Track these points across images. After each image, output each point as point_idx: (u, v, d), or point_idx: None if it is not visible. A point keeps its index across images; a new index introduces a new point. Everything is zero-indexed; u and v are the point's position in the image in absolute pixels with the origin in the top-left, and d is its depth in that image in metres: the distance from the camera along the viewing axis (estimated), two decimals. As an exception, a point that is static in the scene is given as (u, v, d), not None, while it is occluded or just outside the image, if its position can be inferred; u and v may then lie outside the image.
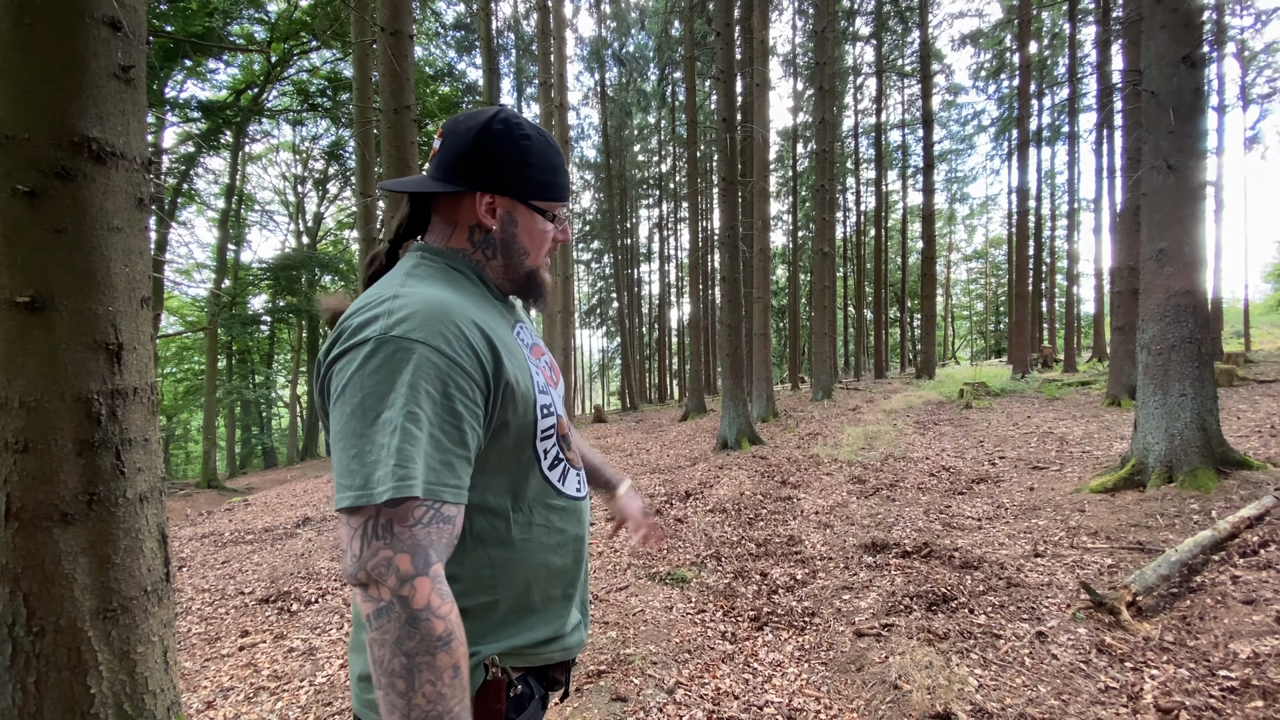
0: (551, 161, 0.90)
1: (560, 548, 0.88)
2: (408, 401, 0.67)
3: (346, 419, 0.68)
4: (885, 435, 8.67)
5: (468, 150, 0.85)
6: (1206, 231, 4.73)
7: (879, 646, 2.78)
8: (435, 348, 0.70)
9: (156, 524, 1.61)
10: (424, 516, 0.67)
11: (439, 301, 0.75)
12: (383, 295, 0.75)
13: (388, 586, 0.64)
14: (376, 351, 0.69)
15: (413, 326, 0.70)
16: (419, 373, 0.68)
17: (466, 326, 0.75)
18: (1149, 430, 4.62)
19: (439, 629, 0.65)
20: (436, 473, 0.68)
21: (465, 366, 0.72)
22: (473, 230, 0.89)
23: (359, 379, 0.68)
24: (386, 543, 0.65)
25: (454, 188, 0.86)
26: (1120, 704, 2.20)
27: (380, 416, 0.67)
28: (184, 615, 4.10)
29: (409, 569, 0.65)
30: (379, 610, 0.65)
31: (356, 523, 0.66)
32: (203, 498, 12.74)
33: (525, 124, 0.88)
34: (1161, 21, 4.60)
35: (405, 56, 4.62)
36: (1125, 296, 9.63)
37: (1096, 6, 16.13)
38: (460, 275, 0.87)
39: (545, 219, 0.91)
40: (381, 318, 0.71)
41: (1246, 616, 2.59)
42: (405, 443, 0.66)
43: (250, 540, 6.32)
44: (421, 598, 0.65)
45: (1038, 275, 22.76)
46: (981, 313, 45.38)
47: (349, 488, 0.66)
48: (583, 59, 25.24)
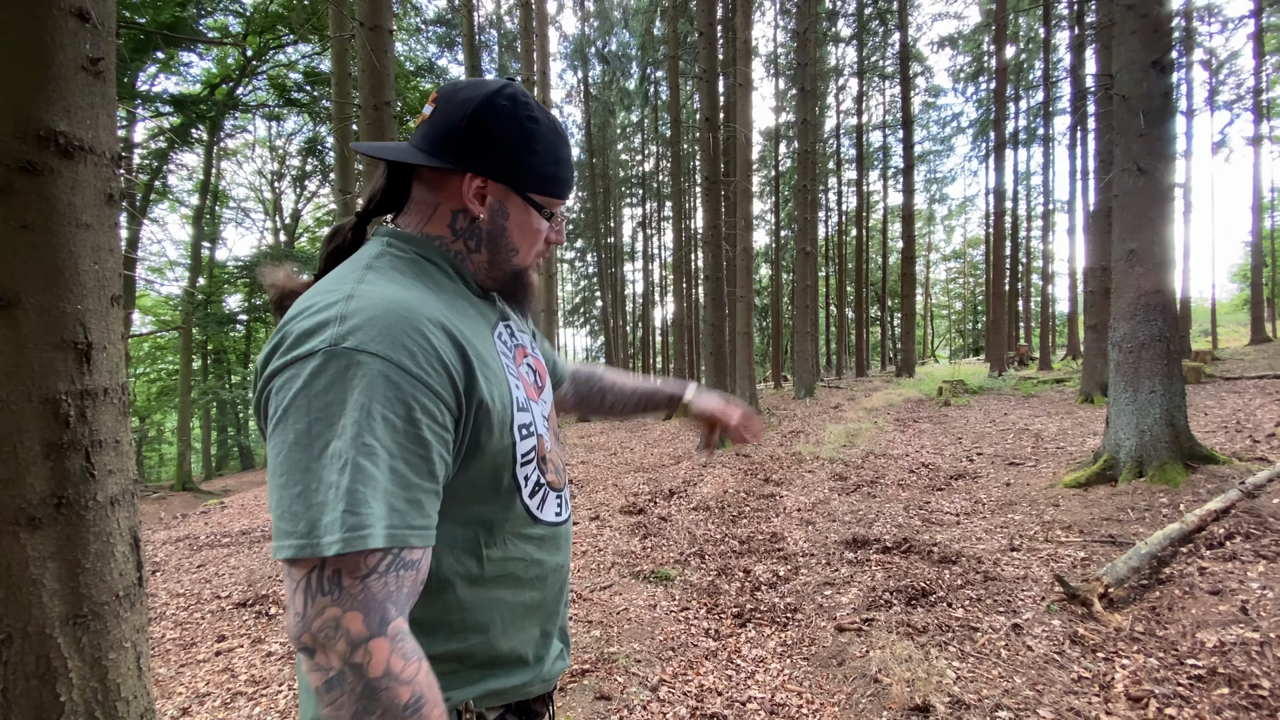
0: (558, 152, 0.79)
1: (539, 581, 0.78)
2: (361, 430, 0.56)
3: (289, 449, 0.56)
4: (866, 432, 8.77)
5: (463, 124, 0.72)
6: (1175, 232, 4.85)
7: (860, 641, 2.81)
8: (396, 362, 0.59)
9: (129, 527, 1.58)
10: (379, 564, 0.56)
11: (401, 303, 0.63)
12: (335, 294, 0.63)
13: (336, 652, 0.54)
14: (324, 367, 0.57)
15: (369, 336, 0.59)
16: (375, 394, 0.57)
17: (434, 334, 0.63)
18: (1120, 426, 4.72)
19: (404, 696, 0.55)
20: (401, 514, 0.57)
21: (432, 384, 0.61)
22: (455, 216, 0.77)
23: (304, 400, 0.57)
24: (334, 599, 0.54)
25: (441, 164, 0.73)
26: (1092, 693, 2.25)
27: (328, 448, 0.55)
28: (158, 620, 4.02)
29: (361, 630, 0.54)
30: (329, 681, 0.54)
31: (299, 574, 0.55)
32: (178, 500, 12.50)
33: (534, 104, 0.76)
34: (1132, 27, 4.70)
35: (385, 52, 4.57)
36: (1098, 296, 9.84)
37: (1071, 12, 16.47)
38: (433, 268, 0.75)
39: (541, 216, 0.80)
40: (331, 324, 0.59)
41: (1213, 606, 2.67)
42: (357, 482, 0.55)
43: (227, 543, 6.21)
44: (378, 663, 0.54)
45: (1014, 275, 23.18)
46: (960, 312, 46.11)
47: (290, 534, 0.54)
48: (566, 57, 25.18)
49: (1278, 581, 2.74)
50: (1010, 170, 24.09)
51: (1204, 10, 19.21)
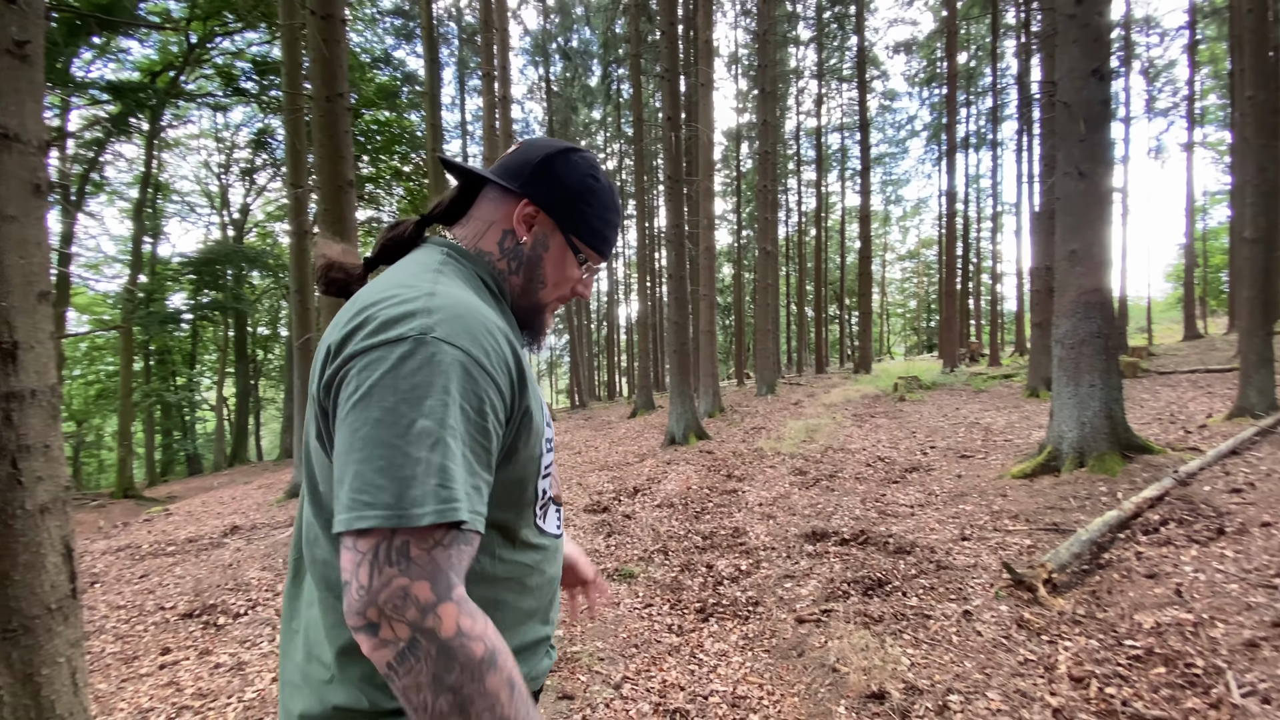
0: (609, 216, 0.87)
1: (538, 589, 0.82)
2: (448, 414, 0.60)
3: (372, 425, 0.59)
4: (825, 428, 8.95)
5: (535, 162, 0.83)
6: (1114, 234, 5.09)
7: (819, 632, 2.87)
8: (475, 358, 0.64)
9: (60, 537, 1.50)
10: (445, 539, 0.59)
11: (479, 310, 0.69)
12: (416, 289, 0.68)
13: (406, 621, 0.56)
14: (414, 352, 0.61)
15: (455, 331, 0.64)
16: (461, 385, 0.62)
17: (503, 341, 0.69)
18: (1063, 419, 4.94)
19: (478, 651, 0.58)
20: (469, 499, 0.61)
21: (500, 384, 0.67)
22: (505, 235, 0.84)
23: (391, 381, 0.60)
24: (400, 569, 0.56)
25: (507, 184, 0.82)
26: (1038, 675, 2.35)
27: (414, 426, 0.58)
28: (97, 634, 3.83)
29: (430, 597, 0.57)
30: (400, 654, 0.56)
31: (366, 546, 0.57)
32: (118, 508, 11.91)
33: (602, 172, 0.87)
34: (1074, 36, 4.92)
35: (337, 42, 4.44)
36: (1042, 295, 10.27)
37: (1018, 21, 17.10)
38: (483, 285, 0.81)
39: (576, 260, 0.87)
40: (420, 315, 0.63)
41: (1149, 589, 2.82)
42: (448, 460, 0.59)
43: (172, 552, 5.96)
44: (449, 625, 0.57)
45: (965, 274, 23.99)
46: (914, 310, 47.48)
47: (373, 505, 0.56)
48: (527, 52, 24.95)
49: (1209, 565, 2.91)
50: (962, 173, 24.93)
51: (1142, 22, 20.25)
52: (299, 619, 0.78)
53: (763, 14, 14.22)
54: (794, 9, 24.16)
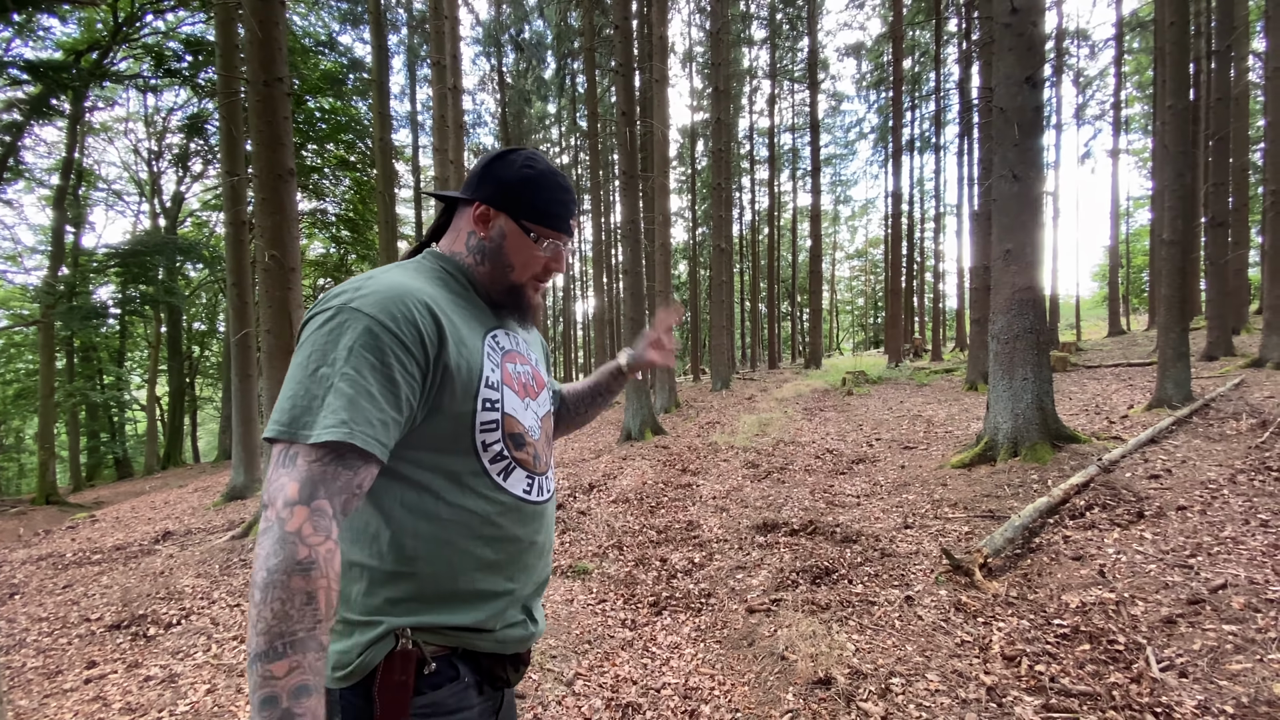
0: (555, 195, 0.99)
1: (494, 541, 0.91)
2: (345, 362, 0.76)
3: (296, 367, 0.77)
4: (777, 422, 9.13)
5: (480, 169, 0.99)
6: (1045, 235, 5.35)
7: (769, 621, 2.93)
8: (380, 321, 0.78)
9: (-36, 545, 1.39)
10: (324, 456, 0.73)
11: (400, 284, 0.84)
12: (366, 277, 0.85)
13: (275, 508, 0.70)
14: (333, 317, 0.78)
15: (369, 302, 0.79)
16: (359, 341, 0.77)
17: (417, 308, 0.83)
18: (998, 411, 5.17)
19: (301, 554, 0.68)
20: (367, 420, 0.75)
21: (405, 342, 0.80)
22: (470, 235, 1.00)
23: (315, 336, 0.78)
24: (287, 472, 0.72)
25: (460, 195, 1.00)
26: (973, 655, 2.46)
27: (319, 370, 0.76)
28: (17, 648, 3.59)
29: (294, 496, 0.70)
30: (265, 528, 0.70)
31: (276, 451, 0.74)
32: (40, 515, 11.16)
33: (540, 161, 1.00)
34: (1009, 44, 5.13)
35: (275, 24, 4.25)
36: (980, 292, 10.70)
37: (960, 29, 17.75)
38: (451, 279, 0.97)
39: (533, 241, 0.99)
40: (348, 292, 0.81)
41: (1076, 571, 2.98)
42: (335, 397, 0.74)
43: (98, 560, 5.62)
44: (295, 522, 0.69)
45: (910, 273, 24.80)
46: (862, 307, 48.84)
47: (277, 421, 0.74)
48: (479, 42, 24.38)
49: (1130, 547, 3.10)
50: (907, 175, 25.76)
51: (1074, 34, 21.29)
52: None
53: (717, 12, 14.32)
54: (748, 8, 24.44)
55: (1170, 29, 7.14)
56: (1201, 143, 13.89)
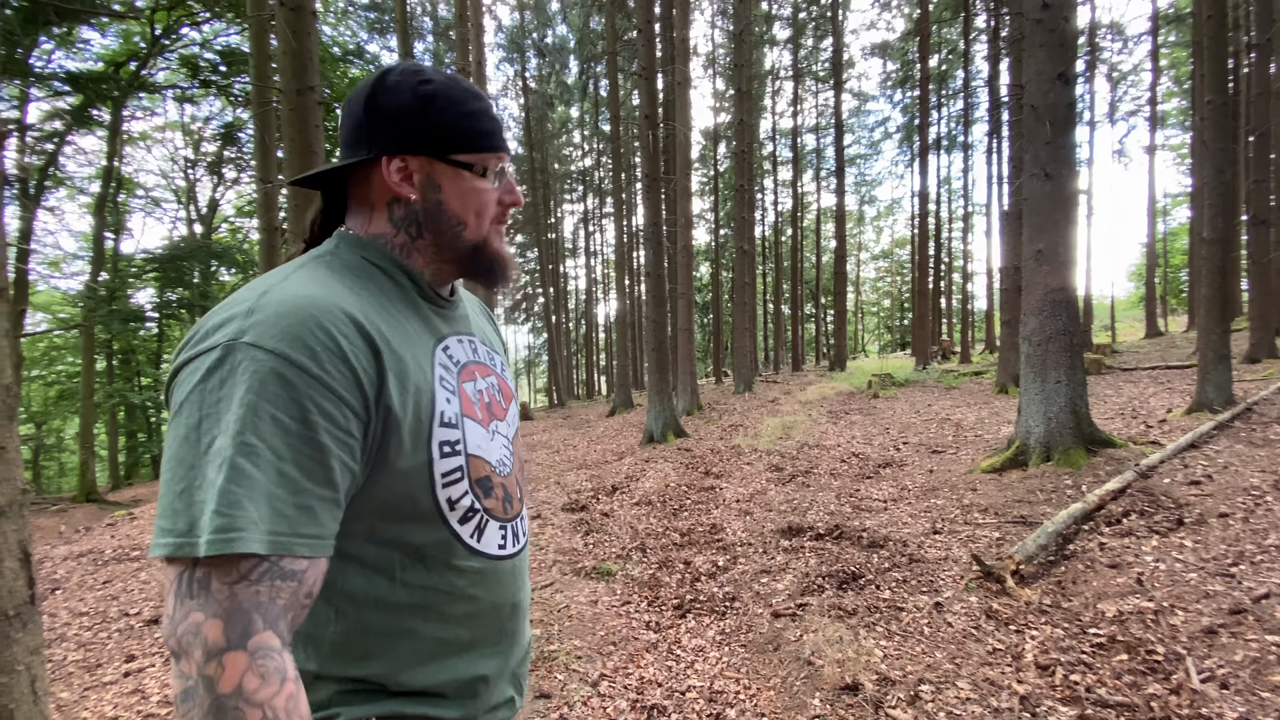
0: (469, 105, 0.72)
1: (469, 619, 0.72)
2: (244, 428, 0.53)
3: (178, 444, 0.54)
4: (801, 425, 9.05)
5: (362, 113, 0.70)
6: (1079, 234, 5.23)
7: (794, 626, 2.91)
8: (294, 361, 0.56)
9: (17, 541, 1.45)
10: (252, 572, 0.53)
11: (313, 300, 0.61)
12: (254, 290, 0.61)
13: (194, 661, 0.50)
14: (222, 361, 0.55)
15: (271, 332, 0.56)
16: (266, 392, 0.54)
17: (343, 331, 0.60)
18: (1030, 414, 5.06)
19: (253, 718, 0.50)
20: (287, 520, 0.54)
21: (334, 386, 0.58)
22: (391, 208, 0.74)
23: (198, 395, 0.55)
24: (200, 604, 0.51)
25: (354, 160, 0.71)
26: (1005, 664, 2.41)
27: (213, 445, 0.53)
28: (59, 642, 3.72)
29: (218, 641, 0.51)
30: (185, 691, 0.50)
31: (173, 574, 0.53)
32: (80, 513, 11.54)
33: (428, 70, 0.72)
34: (1040, 41, 5.03)
35: (308, 34, 4.35)
36: (1011, 293, 10.49)
37: (988, 25, 17.44)
38: (378, 272, 0.72)
39: (478, 176, 0.74)
40: (237, 319, 0.57)
41: (1112, 579, 2.90)
42: (232, 482, 0.52)
43: (136, 557, 5.80)
44: (230, 679, 0.50)
45: (937, 273, 24.40)
46: (888, 308, 48.21)
47: (169, 531, 0.52)
48: (503, 48, 24.67)
49: (1169, 555, 3.01)
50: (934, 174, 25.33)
51: (1108, 27, 20.78)
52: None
53: (739, 14, 14.29)
54: (771, 9, 24.32)
55: (1208, 22, 6.93)
56: (1241, 138, 13.43)
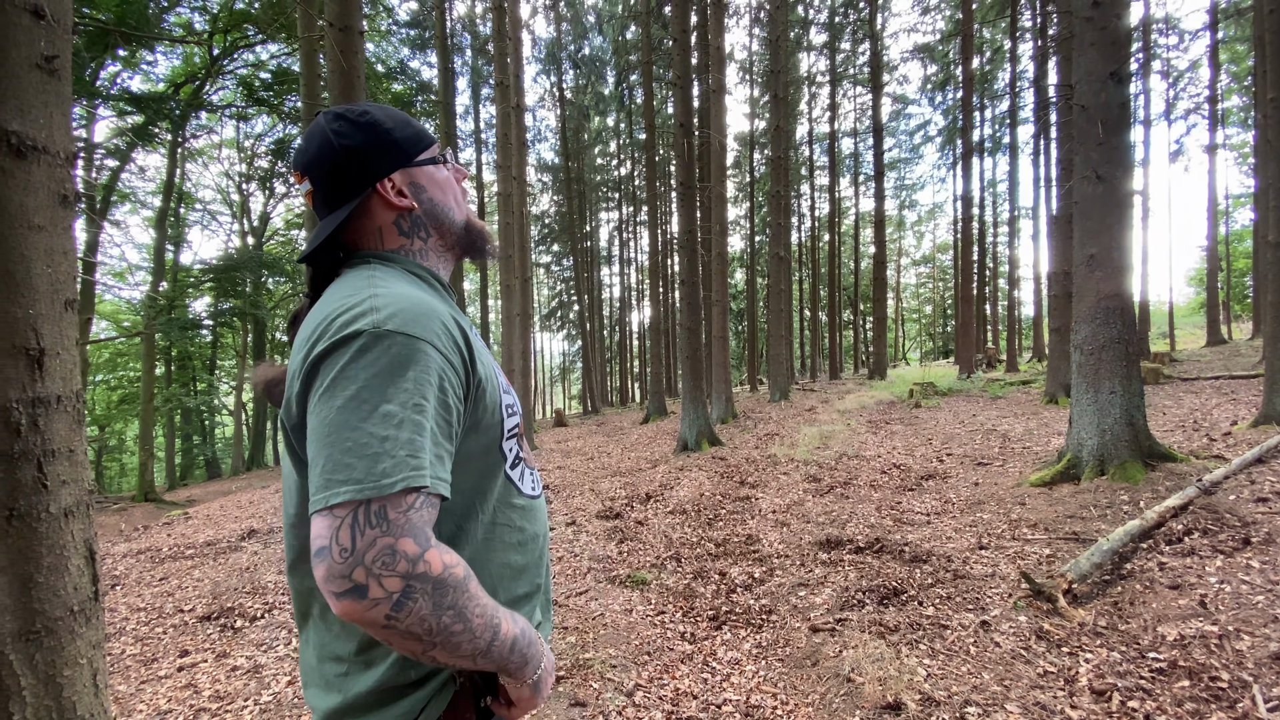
0: (399, 116, 0.88)
1: (522, 545, 0.87)
2: (413, 394, 0.66)
3: (337, 411, 0.64)
4: (839, 434, 8.88)
5: (339, 163, 0.82)
6: (1134, 238, 5.02)
7: (833, 641, 2.84)
8: (430, 343, 0.69)
9: (83, 539, 1.53)
10: (417, 501, 0.64)
11: (421, 299, 0.73)
12: (357, 296, 0.72)
13: (398, 574, 0.61)
14: (373, 345, 0.66)
15: (405, 321, 0.69)
16: (420, 366, 0.67)
17: (449, 324, 0.74)
18: (1082, 426, 4.86)
19: (460, 573, 0.67)
20: (436, 465, 0.67)
21: (454, 363, 0.73)
22: (398, 223, 0.87)
23: (354, 371, 0.65)
24: (383, 530, 0.61)
25: (354, 202, 0.83)
26: (1058, 687, 2.30)
27: (379, 409, 0.64)
28: (117, 636, 3.89)
29: (415, 549, 0.62)
30: (396, 603, 0.61)
31: (343, 513, 0.61)
32: (139, 512, 12.10)
33: (352, 106, 0.86)
34: (1091, 39, 4.86)
35: (355, 53, 4.51)
36: (1061, 300, 10.12)
37: (1034, 24, 16.96)
38: (415, 278, 0.84)
39: (441, 165, 0.91)
40: (369, 313, 0.68)
41: (1173, 601, 2.75)
42: (415, 434, 0.65)
43: (191, 555, 6.04)
44: (436, 566, 0.64)
45: (981, 279, 23.73)
46: (930, 315, 47.02)
47: (345, 481, 0.61)
48: (539, 60, 25.10)
49: (1235, 576, 2.84)
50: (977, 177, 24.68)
51: (1162, 23, 19.97)
52: (306, 629, 0.85)
53: (775, 20, 14.22)
54: (807, 15, 24.14)
55: (1270, 16, 6.57)
56: (1313, 135, 12.70)
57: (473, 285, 29.98)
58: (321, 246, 0.86)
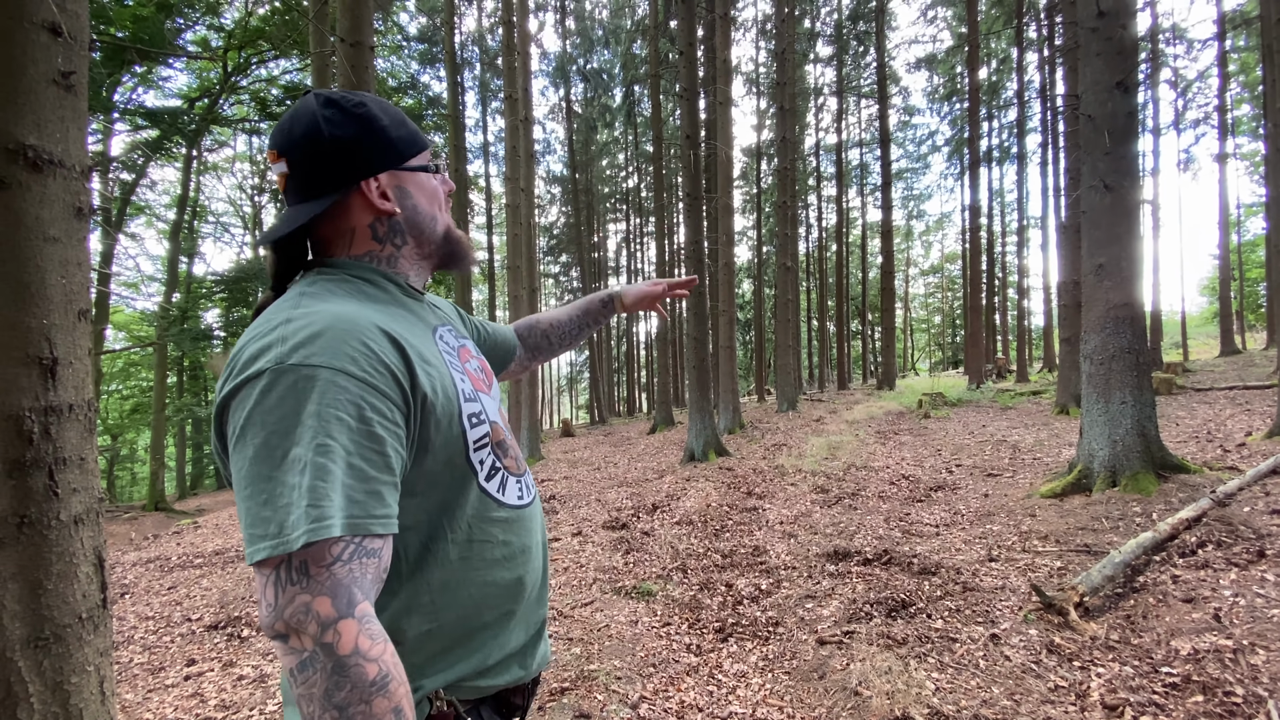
0: (396, 114, 0.82)
1: (507, 561, 0.82)
2: (316, 434, 0.60)
3: (250, 463, 0.61)
4: (848, 445, 8.83)
5: (324, 153, 0.76)
6: (1143, 247, 4.99)
7: (840, 654, 2.81)
8: (342, 369, 0.64)
9: (93, 547, 1.54)
10: (343, 553, 0.60)
11: (339, 316, 0.68)
12: (273, 321, 0.68)
13: (309, 635, 0.58)
14: (275, 384, 0.62)
15: (313, 350, 0.63)
16: (325, 400, 0.62)
17: (374, 339, 0.68)
18: (1093, 437, 4.81)
19: (371, 673, 0.59)
20: (360, 504, 0.62)
21: (379, 385, 0.66)
22: (374, 227, 0.81)
23: (258, 416, 0.61)
24: (302, 587, 0.59)
25: (333, 197, 0.77)
26: (1069, 702, 2.27)
27: (288, 455, 0.60)
28: (125, 644, 3.91)
29: (330, 613, 0.58)
30: (302, 663, 0.58)
31: (268, 570, 0.60)
32: (149, 521, 12.18)
33: (348, 94, 0.79)
34: (1097, 49, 4.87)
35: (366, 68, 4.58)
36: (1070, 309, 10.05)
37: (1039, 35, 16.98)
38: (366, 284, 0.79)
39: (428, 174, 0.85)
40: (275, 345, 0.64)
41: (1186, 614, 2.71)
42: (318, 479, 0.60)
43: (199, 564, 6.07)
44: (348, 642, 0.58)
45: (991, 289, 23.62)
46: (939, 325, 46.81)
47: (263, 537, 0.59)
48: (548, 74, 25.38)
49: (1250, 589, 2.79)
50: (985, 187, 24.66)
51: (1169, 32, 19.94)
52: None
53: (781, 33, 14.33)
54: (813, 27, 24.30)
55: (1277, 25, 6.58)
56: (1325, 143, 12.61)
57: (481, 296, 30.17)
58: (290, 234, 0.80)
